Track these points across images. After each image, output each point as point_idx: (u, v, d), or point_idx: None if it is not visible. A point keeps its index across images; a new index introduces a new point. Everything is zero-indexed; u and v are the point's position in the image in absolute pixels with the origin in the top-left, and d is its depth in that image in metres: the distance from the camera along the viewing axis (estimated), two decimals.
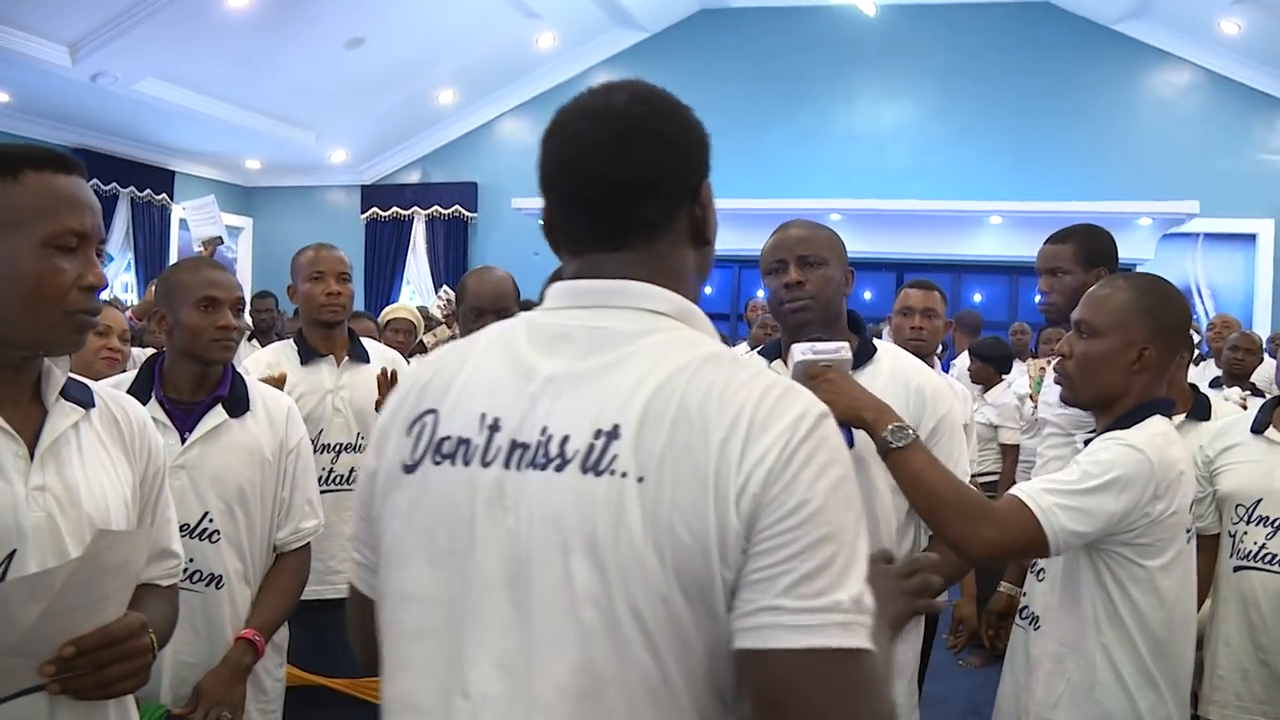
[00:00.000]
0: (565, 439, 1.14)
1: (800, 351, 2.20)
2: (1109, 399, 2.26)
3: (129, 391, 2.45)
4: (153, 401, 2.49)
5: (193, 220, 6.49)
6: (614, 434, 1.12)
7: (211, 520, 2.47)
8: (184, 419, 2.51)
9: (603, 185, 1.23)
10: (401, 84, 11.46)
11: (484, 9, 10.53)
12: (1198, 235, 11.04)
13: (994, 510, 2.05)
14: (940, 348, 8.89)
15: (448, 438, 1.22)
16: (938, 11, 11.64)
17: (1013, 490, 2.10)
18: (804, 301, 2.38)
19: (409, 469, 1.24)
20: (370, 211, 13.14)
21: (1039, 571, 2.79)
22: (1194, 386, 3.48)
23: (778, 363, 2.47)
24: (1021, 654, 2.47)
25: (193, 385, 2.54)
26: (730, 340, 8.13)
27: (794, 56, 11.96)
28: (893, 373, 2.41)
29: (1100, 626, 2.17)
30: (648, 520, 1.09)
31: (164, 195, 11.94)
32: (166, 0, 8.41)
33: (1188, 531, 2.22)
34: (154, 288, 2.86)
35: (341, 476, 3.50)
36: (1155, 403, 2.26)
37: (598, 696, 1.10)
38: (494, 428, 1.19)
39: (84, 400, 1.71)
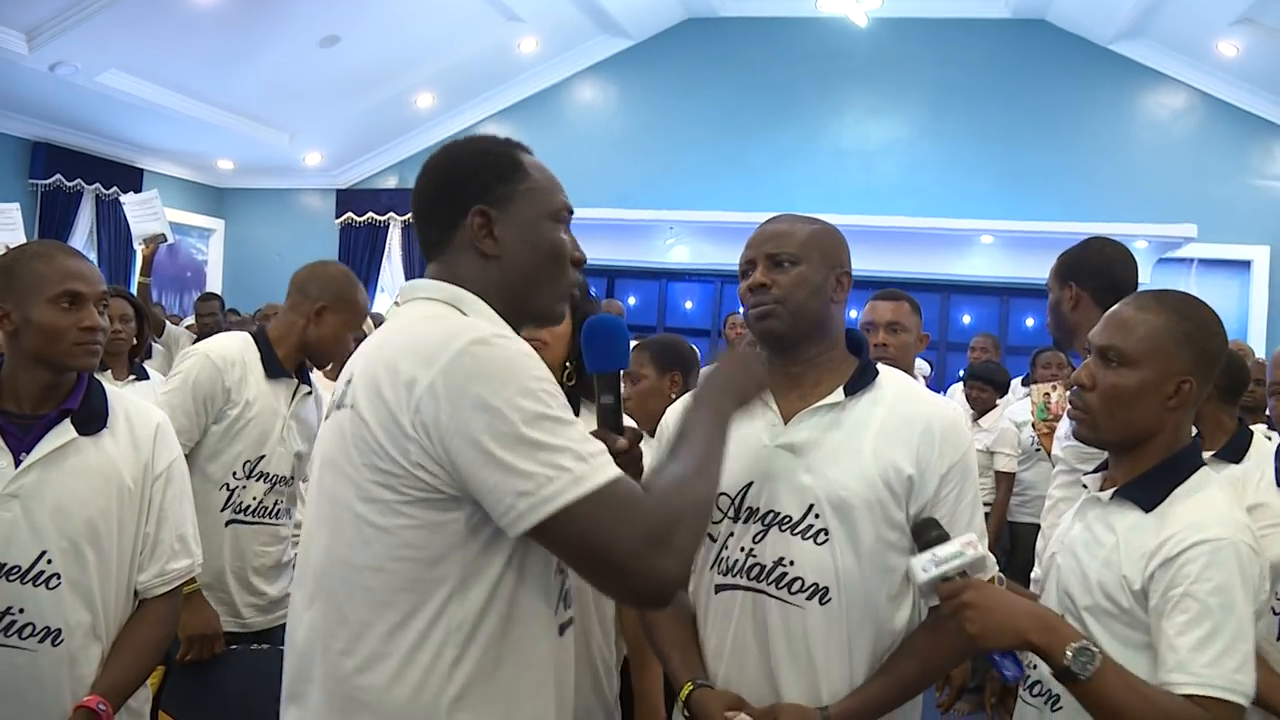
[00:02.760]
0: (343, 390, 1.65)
1: (920, 568, 1.81)
2: (1137, 438, 1.93)
3: None
4: None
5: (133, 216, 6.14)
6: (349, 380, 1.61)
7: (50, 561, 2.06)
8: (20, 437, 2.10)
9: (414, 216, 1.76)
10: (378, 85, 11.13)
11: (464, 10, 10.22)
12: (1192, 261, 10.74)
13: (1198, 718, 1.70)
14: (928, 369, 8.63)
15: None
16: (930, 26, 11.38)
17: (1185, 684, 1.72)
18: (769, 306, 2.01)
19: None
20: (345, 216, 12.79)
21: None
22: (1240, 419, 3.05)
23: None
24: None
25: (38, 396, 2.14)
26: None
27: (782, 68, 11.68)
28: (895, 404, 2.02)
29: None
30: (356, 436, 1.52)
31: (131, 192, 11.56)
32: None
33: None
34: None
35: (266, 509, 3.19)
36: (1192, 452, 1.94)
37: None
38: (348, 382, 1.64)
39: None
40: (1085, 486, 2.08)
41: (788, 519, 1.96)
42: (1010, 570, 5.41)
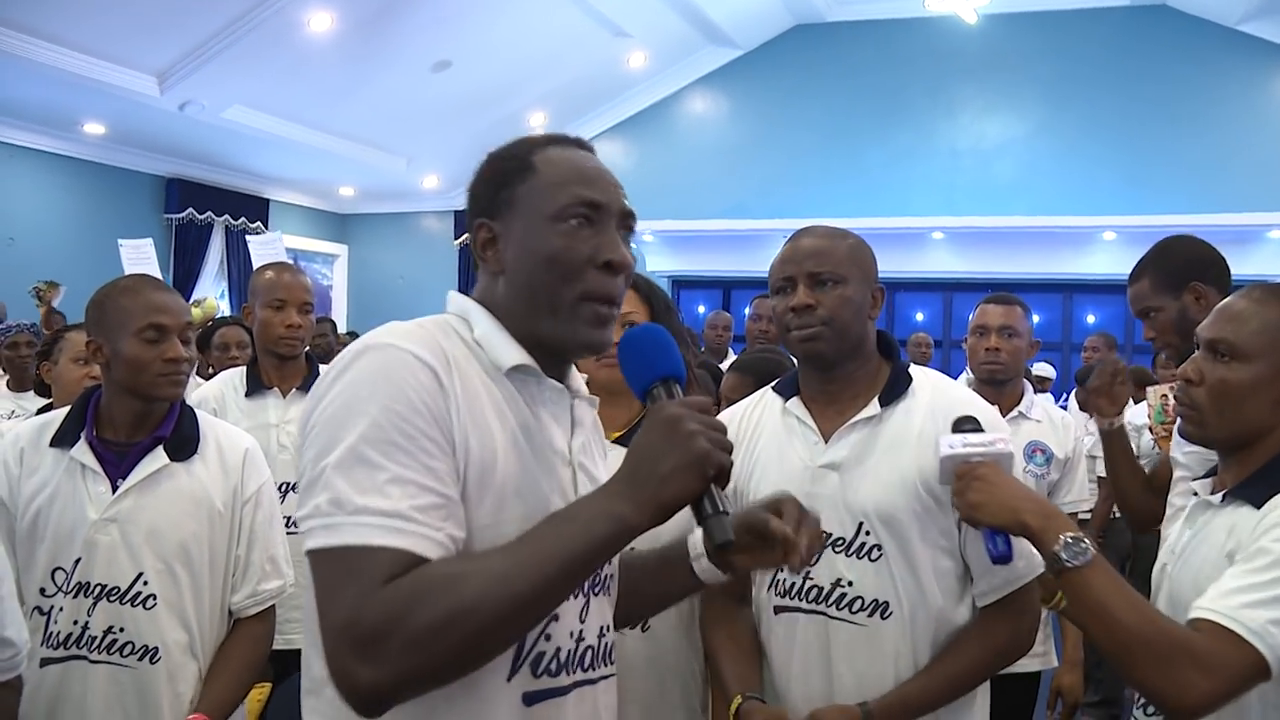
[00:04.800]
0: None
1: (947, 445, 1.81)
2: (1249, 436, 1.82)
3: (56, 432, 2.22)
4: (81, 444, 2.20)
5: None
6: None
7: (146, 583, 2.16)
8: (118, 463, 2.21)
9: None
10: (491, 107, 11.33)
11: (572, 29, 10.36)
12: None
13: (1196, 647, 1.57)
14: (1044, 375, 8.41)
15: None
16: (1043, 19, 11.14)
17: (1205, 612, 1.61)
18: (815, 329, 1.98)
19: None
20: (464, 237, 12.98)
21: None
22: None
23: (795, 402, 2.08)
24: None
25: (132, 425, 2.24)
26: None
27: (892, 71, 11.57)
28: (932, 408, 1.99)
29: None
30: None
31: (259, 223, 12.00)
32: (248, 28, 8.40)
33: None
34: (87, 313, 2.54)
35: (289, 519, 3.26)
36: None
37: None
38: None
39: None
40: (1196, 494, 2.00)
41: (841, 540, 1.96)
42: (1134, 579, 5.25)
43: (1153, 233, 9.69)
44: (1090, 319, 11.15)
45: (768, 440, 2.09)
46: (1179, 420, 1.94)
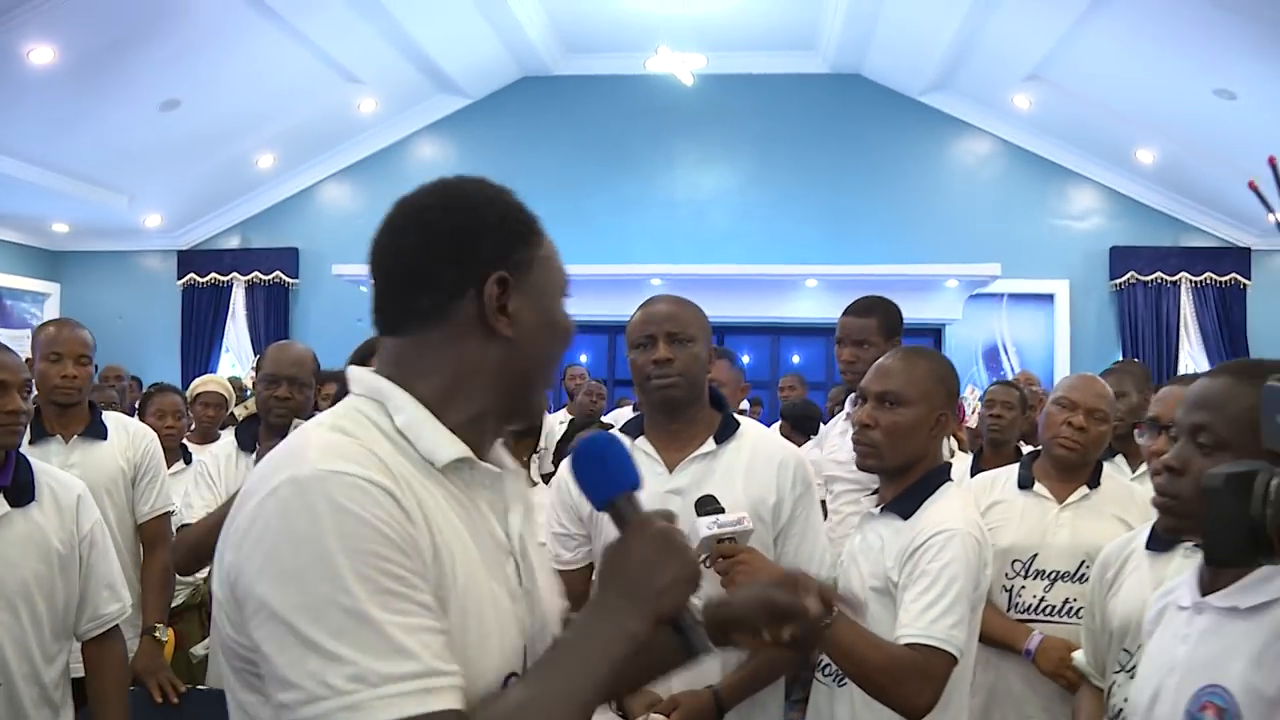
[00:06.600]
0: None
1: (705, 527, 2.21)
2: (910, 464, 2.39)
3: None
4: None
5: None
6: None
7: None
8: None
9: (380, 274, 1.32)
10: (219, 147, 11.20)
11: (303, 73, 10.41)
12: (1002, 295, 11.60)
13: (915, 664, 2.13)
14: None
15: None
16: (754, 81, 12.00)
17: (908, 636, 2.16)
18: (673, 379, 2.43)
19: None
20: (187, 278, 12.75)
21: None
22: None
23: (642, 440, 2.52)
24: (827, 710, 2.52)
25: None
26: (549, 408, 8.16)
27: (615, 123, 12.15)
28: (756, 447, 2.49)
29: None
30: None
31: None
32: None
33: None
34: None
35: None
36: (943, 469, 2.44)
37: None
38: None
39: None
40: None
41: None
42: None
43: (851, 280, 10.66)
44: (795, 359, 12.01)
45: None
46: (857, 455, 2.48)
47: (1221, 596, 1.57)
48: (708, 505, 2.27)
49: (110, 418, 3.63)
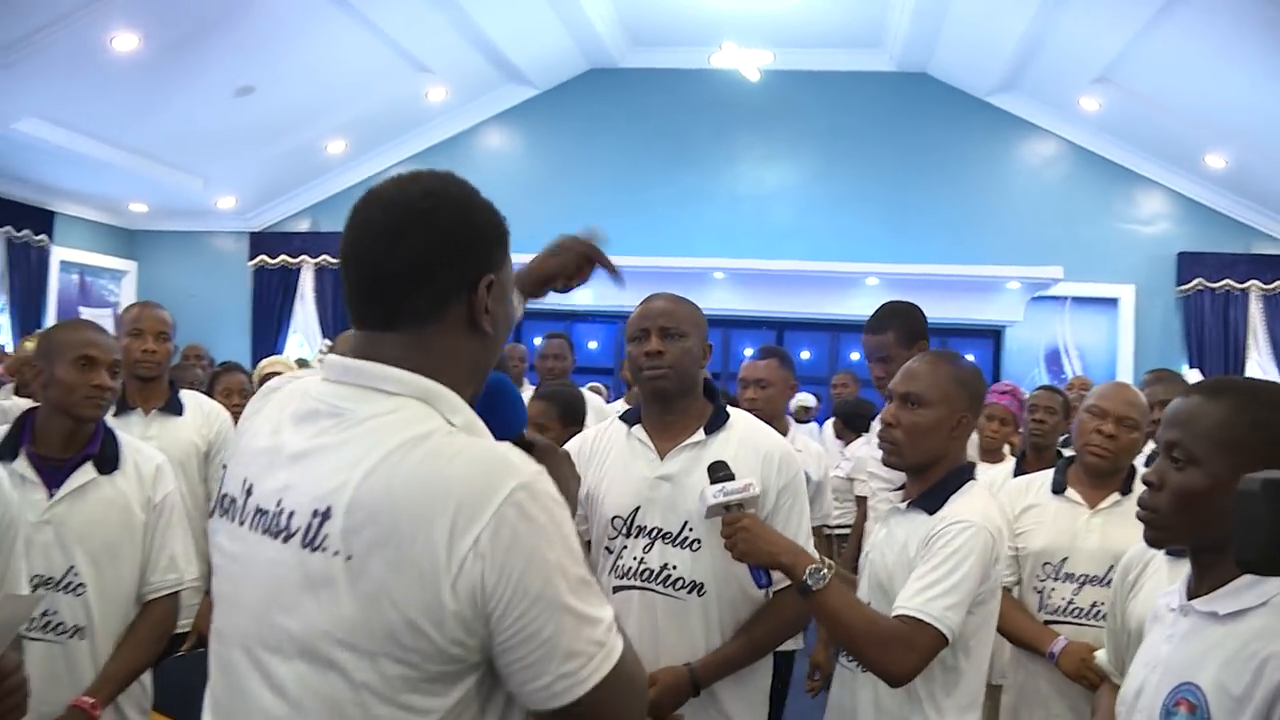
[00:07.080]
0: (291, 514, 1.31)
1: (711, 494, 2.34)
2: (931, 463, 2.48)
3: None
4: (21, 457, 2.59)
5: None
6: (326, 515, 1.26)
7: (76, 574, 2.57)
8: (52, 475, 2.61)
9: (374, 274, 1.38)
10: (291, 132, 11.43)
11: (375, 61, 10.59)
12: (1065, 299, 11.51)
13: (903, 635, 2.22)
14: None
15: (225, 494, 1.43)
16: (819, 78, 11.99)
17: (905, 609, 2.25)
18: (663, 370, 2.56)
19: (212, 513, 1.47)
20: (258, 259, 13.02)
21: None
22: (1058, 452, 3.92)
23: (638, 428, 2.64)
24: (849, 695, 2.61)
25: (63, 442, 2.65)
26: (609, 396, 8.26)
27: (680, 117, 12.20)
28: (744, 439, 2.59)
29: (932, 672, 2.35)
30: (357, 594, 1.23)
31: (43, 236, 11.69)
32: (49, 40, 8.29)
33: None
34: (28, 342, 3.00)
35: None
36: (967, 468, 2.51)
37: None
38: (248, 492, 1.38)
39: None
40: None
41: (669, 533, 2.52)
42: None
43: (911, 279, 10.62)
44: (854, 356, 12.00)
45: (615, 457, 2.66)
46: (882, 452, 2.58)
47: (1204, 601, 1.65)
48: (719, 471, 2.38)
49: (187, 395, 3.86)
